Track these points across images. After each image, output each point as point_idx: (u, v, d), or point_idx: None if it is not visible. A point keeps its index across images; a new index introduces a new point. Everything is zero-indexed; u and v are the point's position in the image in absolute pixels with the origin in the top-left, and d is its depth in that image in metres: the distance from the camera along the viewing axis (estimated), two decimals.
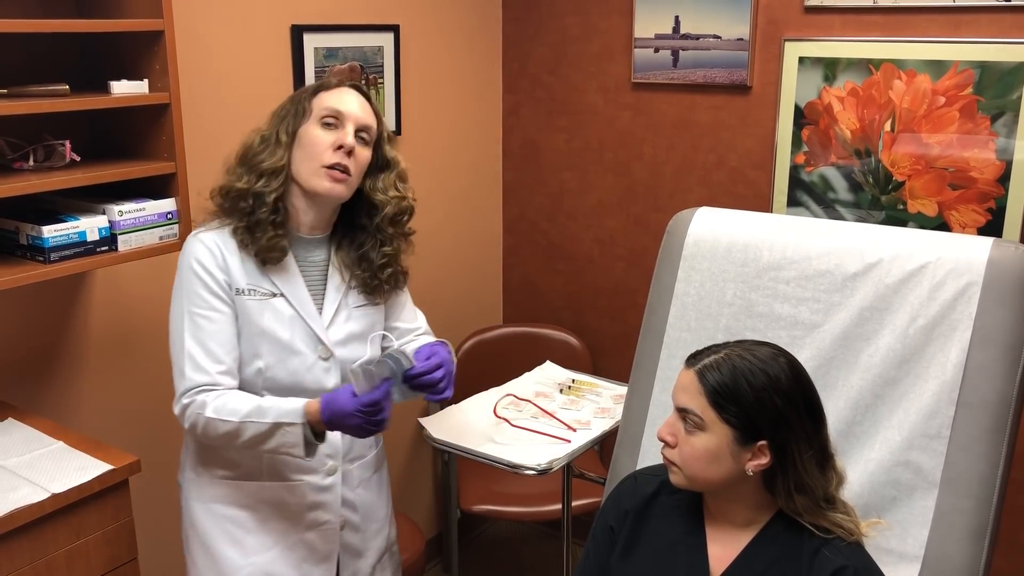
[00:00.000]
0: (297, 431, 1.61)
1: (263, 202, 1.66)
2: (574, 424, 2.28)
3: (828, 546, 1.43)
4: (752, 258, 1.92)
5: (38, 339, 2.07)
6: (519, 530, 3.49)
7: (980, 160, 2.36)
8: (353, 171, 1.69)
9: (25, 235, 1.78)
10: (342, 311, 1.77)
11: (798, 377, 1.45)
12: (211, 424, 1.64)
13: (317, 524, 1.79)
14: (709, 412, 1.41)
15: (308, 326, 1.73)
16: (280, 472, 1.76)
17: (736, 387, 1.40)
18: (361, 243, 1.78)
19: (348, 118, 1.69)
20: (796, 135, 2.60)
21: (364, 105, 1.73)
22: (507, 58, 3.14)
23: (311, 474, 1.77)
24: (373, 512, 1.90)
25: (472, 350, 3.11)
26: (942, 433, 1.68)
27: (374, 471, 1.91)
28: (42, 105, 1.73)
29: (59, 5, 1.93)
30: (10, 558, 1.57)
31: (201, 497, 1.78)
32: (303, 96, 1.73)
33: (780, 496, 1.45)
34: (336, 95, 1.71)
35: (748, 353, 1.44)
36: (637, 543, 1.57)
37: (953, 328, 1.71)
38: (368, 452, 1.88)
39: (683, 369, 1.47)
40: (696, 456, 1.43)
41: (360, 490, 1.85)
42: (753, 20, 2.60)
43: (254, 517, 1.76)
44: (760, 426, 1.40)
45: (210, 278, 1.66)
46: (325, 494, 1.79)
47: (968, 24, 2.32)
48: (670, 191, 2.88)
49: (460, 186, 3.10)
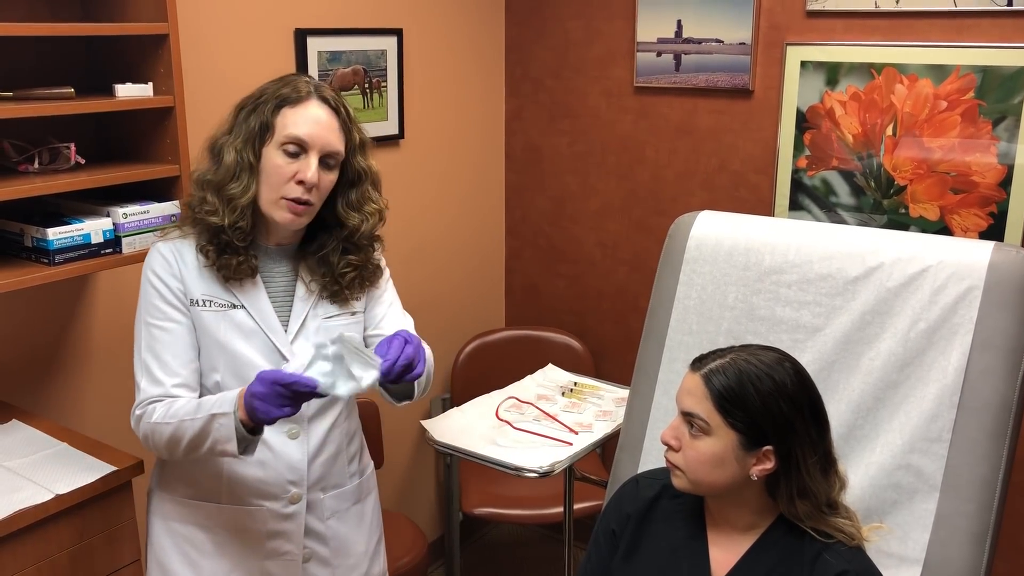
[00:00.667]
0: (229, 422, 1.48)
1: (236, 229, 1.57)
2: (576, 427, 2.28)
3: (829, 550, 1.43)
4: (754, 262, 1.92)
5: (42, 340, 2.08)
6: (521, 533, 3.49)
7: (982, 164, 2.36)
8: (316, 199, 1.58)
9: (30, 237, 1.79)
10: (310, 323, 1.66)
11: (803, 382, 1.46)
12: (156, 431, 1.56)
13: (277, 554, 1.69)
14: (715, 416, 1.41)
15: (269, 340, 1.62)
16: (240, 495, 1.66)
17: (742, 392, 1.40)
18: (323, 244, 1.66)
19: (312, 146, 1.55)
20: (798, 139, 2.61)
21: (330, 124, 1.58)
22: (510, 62, 3.14)
23: (272, 500, 1.66)
24: (347, 547, 1.77)
25: (474, 353, 3.11)
26: (943, 436, 1.68)
27: (353, 503, 1.78)
28: (47, 108, 1.74)
29: (65, 9, 1.94)
30: (15, 558, 1.57)
31: (162, 514, 1.71)
32: (267, 108, 1.57)
33: (782, 501, 1.45)
34: (301, 114, 1.56)
35: (754, 358, 1.44)
36: (639, 547, 1.57)
37: (954, 332, 1.71)
38: (346, 482, 1.77)
39: (688, 373, 1.47)
40: (701, 460, 1.43)
41: (332, 521, 1.74)
42: (755, 24, 2.61)
43: (211, 540, 1.68)
44: (766, 431, 1.41)
45: (164, 288, 1.60)
46: (287, 523, 1.68)
47: (970, 29, 2.33)
48: (672, 195, 2.89)
49: (463, 190, 3.11)
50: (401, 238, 2.89)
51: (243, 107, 1.61)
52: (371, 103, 2.70)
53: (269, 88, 1.60)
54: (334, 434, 1.73)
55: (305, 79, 1.61)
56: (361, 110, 2.67)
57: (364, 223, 1.66)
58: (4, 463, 1.71)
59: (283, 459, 1.66)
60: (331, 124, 1.58)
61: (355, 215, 1.65)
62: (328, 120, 1.58)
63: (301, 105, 1.57)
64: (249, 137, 1.57)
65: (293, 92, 1.58)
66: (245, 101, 1.62)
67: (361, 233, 1.66)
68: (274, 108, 1.57)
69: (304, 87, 1.59)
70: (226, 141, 1.59)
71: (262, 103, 1.58)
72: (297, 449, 1.67)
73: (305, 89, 1.59)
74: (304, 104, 1.57)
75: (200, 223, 1.59)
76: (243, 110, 1.61)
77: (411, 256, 2.94)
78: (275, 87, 1.60)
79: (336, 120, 1.59)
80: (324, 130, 1.57)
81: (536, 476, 2.10)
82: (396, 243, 2.86)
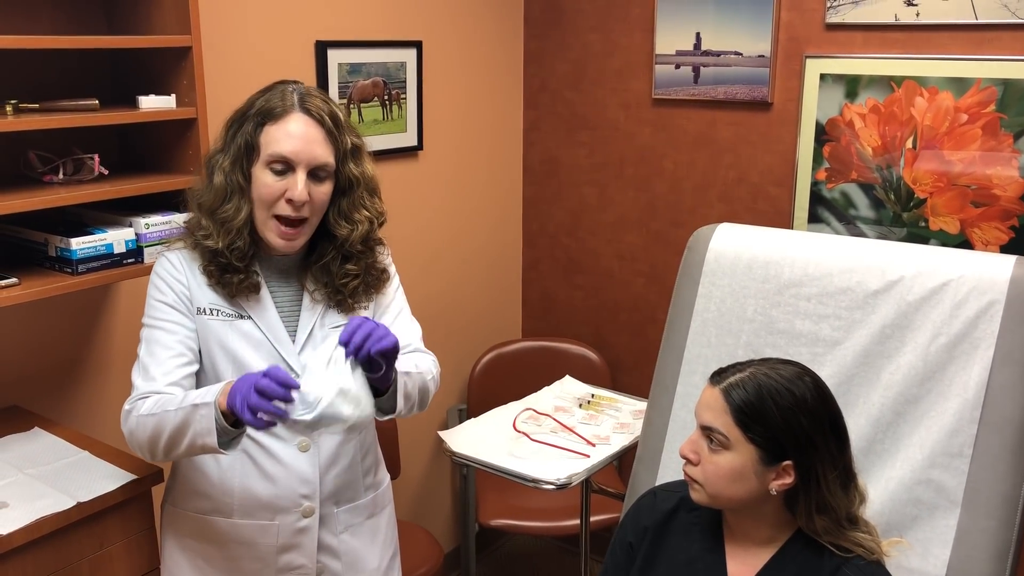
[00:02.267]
0: (209, 412, 1.43)
1: (233, 249, 1.56)
2: (593, 439, 2.28)
3: (848, 565, 1.42)
4: (773, 275, 1.92)
5: (65, 349, 2.10)
6: (537, 545, 3.48)
7: (1003, 177, 2.35)
8: (310, 213, 1.56)
9: (54, 247, 1.81)
10: (317, 333, 1.64)
11: (823, 397, 1.45)
12: (140, 425, 1.51)
13: (290, 568, 1.67)
14: (734, 431, 1.40)
15: (276, 351, 1.61)
16: (251, 510, 1.64)
17: (762, 406, 1.40)
18: (322, 253, 1.64)
19: (297, 162, 1.52)
20: (817, 152, 2.60)
21: (314, 137, 1.54)
22: (528, 74, 3.16)
23: (284, 514, 1.65)
24: (360, 562, 1.75)
25: (491, 364, 3.12)
26: (964, 452, 1.67)
27: (367, 517, 1.77)
28: (72, 120, 1.76)
29: (90, 22, 1.97)
30: (36, 566, 1.58)
31: (175, 529, 1.70)
32: (250, 125, 1.54)
33: (801, 516, 1.44)
34: (283, 129, 1.52)
35: (773, 372, 1.44)
36: (656, 559, 1.56)
37: (975, 346, 1.70)
38: (360, 496, 1.75)
39: (707, 386, 1.47)
40: (720, 474, 1.42)
41: (346, 536, 1.72)
42: (774, 37, 2.61)
43: (223, 555, 1.66)
44: (786, 446, 1.40)
45: (168, 290, 1.59)
46: (300, 536, 1.66)
47: (991, 41, 2.32)
48: (690, 207, 2.88)
49: (480, 201, 3.12)
50: (419, 249, 2.91)
51: (232, 122, 1.59)
52: (391, 115, 2.71)
53: (256, 101, 1.57)
54: (347, 447, 1.71)
55: (291, 88, 1.58)
56: (380, 122, 2.69)
57: (353, 231, 1.61)
58: (27, 470, 1.73)
59: (295, 472, 1.65)
60: (315, 136, 1.54)
61: (344, 225, 1.61)
62: (311, 132, 1.54)
63: (283, 120, 1.53)
64: (237, 157, 1.55)
65: (276, 106, 1.54)
66: (234, 116, 1.59)
67: (351, 241, 1.62)
68: (256, 126, 1.54)
69: (288, 98, 1.55)
70: (217, 161, 1.58)
71: (247, 119, 1.55)
72: (308, 462, 1.66)
73: (289, 101, 1.55)
74: (286, 119, 1.53)
75: (199, 245, 1.59)
76: (232, 126, 1.59)
77: (428, 266, 2.95)
78: (260, 100, 1.56)
79: (320, 131, 1.55)
80: (308, 144, 1.53)
81: (553, 488, 2.10)
82: (414, 253, 2.88)
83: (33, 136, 1.83)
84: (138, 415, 1.52)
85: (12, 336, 1.99)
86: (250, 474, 1.63)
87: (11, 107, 1.74)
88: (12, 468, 1.73)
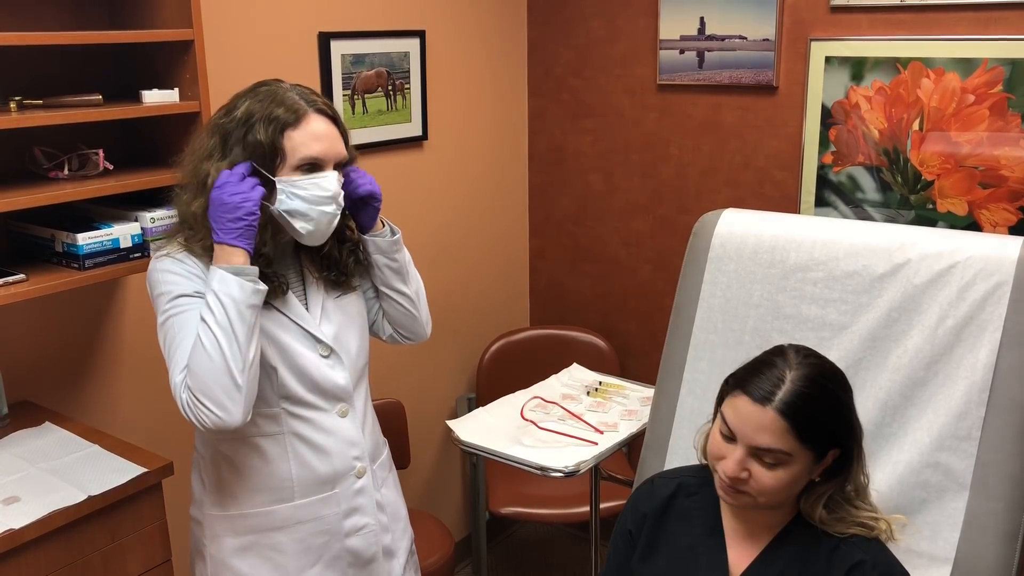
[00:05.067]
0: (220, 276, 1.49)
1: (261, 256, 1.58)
2: (601, 426, 2.28)
3: (847, 542, 1.44)
4: (779, 259, 1.91)
5: (73, 344, 2.11)
6: (548, 532, 3.49)
7: (1011, 158, 2.33)
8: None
9: (60, 242, 1.82)
10: (328, 304, 1.71)
11: (842, 375, 1.47)
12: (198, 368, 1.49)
13: (356, 530, 1.75)
14: (795, 445, 1.37)
15: (302, 327, 1.66)
16: (311, 488, 1.69)
17: (817, 415, 1.38)
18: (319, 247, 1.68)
19: (327, 161, 1.59)
20: (823, 135, 2.59)
21: (334, 133, 1.61)
22: (532, 61, 3.15)
23: (343, 480, 1.71)
24: (398, 512, 1.87)
25: (499, 352, 3.12)
26: (972, 434, 1.66)
27: (389, 470, 1.88)
28: (76, 115, 1.77)
29: (92, 17, 1.97)
30: (48, 559, 1.60)
31: (236, 532, 1.69)
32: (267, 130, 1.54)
33: (808, 502, 1.45)
34: (307, 132, 1.56)
35: (805, 371, 1.41)
36: (656, 546, 1.57)
37: (983, 328, 1.69)
38: (382, 451, 1.85)
39: (748, 403, 1.39)
40: (780, 486, 1.40)
41: (384, 490, 1.82)
42: (779, 20, 2.59)
43: (293, 538, 1.70)
44: (836, 440, 1.42)
45: (183, 280, 1.56)
46: (359, 497, 1.74)
47: (997, 21, 2.30)
48: (697, 192, 2.87)
49: (487, 189, 3.11)
50: (426, 239, 2.91)
51: (226, 131, 1.57)
52: (395, 105, 2.71)
53: (255, 108, 1.56)
54: (369, 405, 1.81)
55: (290, 92, 1.58)
56: (385, 112, 2.69)
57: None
58: (38, 464, 1.74)
59: (343, 438, 1.71)
60: (334, 133, 1.61)
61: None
62: (331, 130, 1.60)
63: (304, 123, 1.56)
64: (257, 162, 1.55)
65: (291, 112, 1.56)
66: (227, 124, 1.57)
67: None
68: (278, 130, 1.55)
69: (295, 101, 1.57)
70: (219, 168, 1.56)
71: (253, 125, 1.55)
72: (352, 424, 1.73)
73: (298, 104, 1.57)
74: (307, 121, 1.57)
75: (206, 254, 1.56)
76: (228, 134, 1.57)
77: (436, 257, 2.96)
78: (263, 107, 1.56)
79: (336, 128, 1.62)
80: (332, 142, 1.60)
81: (562, 476, 2.10)
82: (420, 244, 2.88)
83: (38, 132, 1.84)
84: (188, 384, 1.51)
85: (21, 332, 2.00)
86: (302, 452, 1.67)
87: (15, 103, 1.74)
88: (24, 462, 1.75)
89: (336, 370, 1.70)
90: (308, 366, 1.66)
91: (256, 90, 1.60)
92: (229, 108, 1.60)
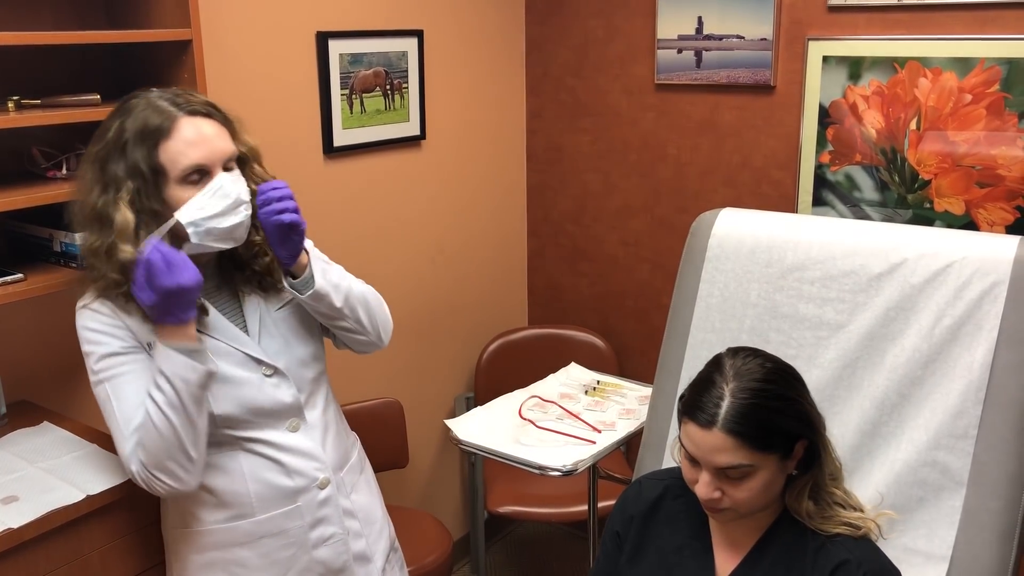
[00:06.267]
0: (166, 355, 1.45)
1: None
2: (599, 425, 2.28)
3: (832, 541, 1.44)
4: (776, 259, 1.92)
5: (72, 344, 2.09)
6: (546, 531, 3.50)
7: (1008, 158, 2.34)
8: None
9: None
10: (268, 319, 1.64)
11: (787, 368, 1.45)
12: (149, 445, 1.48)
13: (323, 540, 1.70)
14: (754, 455, 1.37)
15: (240, 351, 1.59)
16: (272, 502, 1.65)
17: (767, 419, 1.37)
18: (231, 255, 1.61)
19: (212, 164, 1.48)
20: (821, 134, 2.60)
21: (216, 132, 1.50)
22: (530, 61, 3.15)
23: (305, 493, 1.67)
24: (371, 514, 1.82)
25: (497, 352, 3.12)
26: (969, 433, 1.67)
27: (359, 473, 1.82)
28: (74, 115, 1.77)
29: (90, 17, 1.97)
30: (47, 558, 1.60)
31: (198, 550, 1.66)
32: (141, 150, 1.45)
33: (792, 497, 1.45)
34: (181, 139, 1.46)
35: (745, 379, 1.39)
36: (643, 547, 1.57)
37: (979, 327, 1.70)
38: (351, 455, 1.80)
39: (695, 429, 1.39)
40: (754, 496, 1.40)
41: (354, 495, 1.77)
42: (776, 20, 2.60)
43: (258, 553, 1.66)
44: (797, 433, 1.41)
45: (110, 339, 1.52)
46: (324, 508, 1.69)
47: (994, 21, 2.30)
48: (694, 192, 2.88)
49: (484, 189, 3.11)
50: (424, 239, 2.91)
51: (101, 158, 1.49)
52: (393, 104, 2.71)
53: (124, 125, 1.48)
54: (328, 414, 1.75)
55: (156, 101, 1.49)
56: (383, 112, 2.69)
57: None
58: (37, 464, 1.74)
59: (299, 452, 1.66)
60: (214, 131, 1.51)
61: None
62: (211, 129, 1.50)
63: (175, 131, 1.47)
64: (141, 186, 1.47)
65: (163, 121, 1.46)
66: (101, 152, 1.49)
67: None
68: (152, 146, 1.46)
69: (163, 109, 1.48)
70: (107, 200, 1.47)
71: (126, 147, 1.47)
72: (306, 437, 1.68)
73: (166, 112, 1.47)
74: (178, 128, 1.47)
75: (123, 297, 1.51)
76: (105, 160, 1.48)
77: (433, 256, 2.96)
78: (129, 122, 1.47)
79: (213, 123, 1.51)
80: (212, 141, 1.50)
81: (560, 475, 2.10)
82: (418, 244, 2.88)
83: (36, 132, 1.84)
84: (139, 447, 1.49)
85: (20, 331, 2.00)
86: (257, 468, 1.64)
87: (13, 103, 1.74)
88: (22, 462, 1.75)
89: (281, 388, 1.64)
90: (248, 391, 1.60)
91: (124, 106, 1.51)
92: (101, 132, 1.50)
